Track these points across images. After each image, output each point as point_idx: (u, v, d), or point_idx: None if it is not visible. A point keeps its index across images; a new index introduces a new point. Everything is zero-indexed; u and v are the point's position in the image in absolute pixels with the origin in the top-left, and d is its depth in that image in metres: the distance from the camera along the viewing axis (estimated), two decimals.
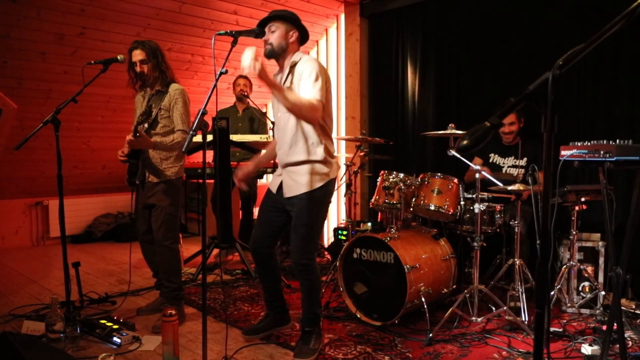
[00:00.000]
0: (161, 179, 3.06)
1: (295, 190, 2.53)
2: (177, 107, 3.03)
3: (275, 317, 2.84)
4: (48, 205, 5.59)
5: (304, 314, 2.65)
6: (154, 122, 3.04)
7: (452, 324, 2.94)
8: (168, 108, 3.03)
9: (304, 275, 2.58)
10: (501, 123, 1.11)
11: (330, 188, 2.60)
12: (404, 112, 4.95)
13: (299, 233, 2.54)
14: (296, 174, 2.54)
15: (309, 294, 2.62)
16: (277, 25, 2.51)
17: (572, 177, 3.68)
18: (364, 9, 5.20)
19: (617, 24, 1.02)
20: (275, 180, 2.68)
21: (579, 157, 2.18)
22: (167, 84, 3.07)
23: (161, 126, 3.04)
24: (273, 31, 2.51)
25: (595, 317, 3.09)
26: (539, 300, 1.13)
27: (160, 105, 3.03)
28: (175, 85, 3.08)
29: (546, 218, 1.05)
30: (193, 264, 4.45)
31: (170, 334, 2.54)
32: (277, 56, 2.55)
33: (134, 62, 3.04)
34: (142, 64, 3.03)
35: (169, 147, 3.01)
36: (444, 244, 3.35)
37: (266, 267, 2.74)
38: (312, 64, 2.44)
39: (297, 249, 2.56)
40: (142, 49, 3.02)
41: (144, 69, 3.03)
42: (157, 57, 3.04)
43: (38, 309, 3.24)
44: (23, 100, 4.47)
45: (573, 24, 3.74)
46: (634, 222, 2.12)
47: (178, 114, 3.03)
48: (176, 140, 3.00)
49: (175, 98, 3.03)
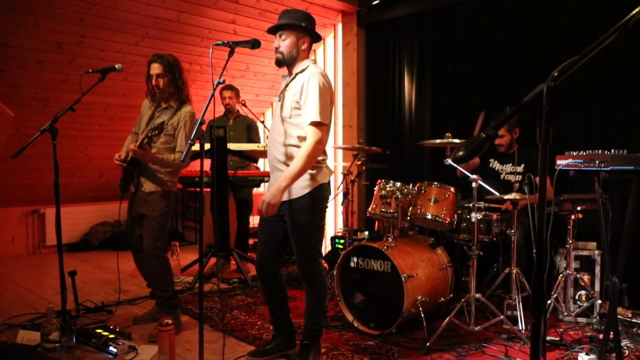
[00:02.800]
0: (154, 188, 3.06)
1: (285, 195, 2.45)
2: (185, 130, 3.04)
3: (283, 339, 2.71)
4: (45, 213, 5.57)
5: (305, 324, 2.61)
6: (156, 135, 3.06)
7: (449, 333, 2.94)
8: (175, 127, 3.05)
9: (312, 282, 2.55)
10: (496, 134, 1.12)
11: (323, 194, 2.50)
12: (401, 121, 4.97)
13: (297, 243, 2.51)
14: None
15: (313, 304, 2.58)
16: (288, 34, 2.47)
17: (568, 186, 3.69)
18: (361, 19, 5.24)
19: (611, 36, 1.04)
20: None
21: (574, 166, 2.19)
22: (181, 101, 3.08)
23: (162, 141, 3.04)
24: (284, 39, 2.46)
25: (592, 326, 3.09)
26: (536, 309, 1.14)
27: (168, 122, 3.04)
28: (188, 107, 3.09)
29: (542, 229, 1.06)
30: (190, 273, 4.44)
31: (166, 343, 2.53)
32: (288, 65, 2.52)
33: (151, 75, 3.06)
34: (158, 78, 3.04)
35: (167, 165, 3.04)
36: (440, 253, 3.35)
37: (272, 285, 2.65)
38: (316, 80, 2.36)
39: (298, 259, 2.54)
40: (160, 63, 3.03)
41: (160, 83, 3.04)
42: (174, 72, 3.05)
43: (33, 318, 3.22)
44: (20, 108, 4.47)
45: (569, 34, 3.78)
46: (630, 231, 2.13)
47: (183, 136, 3.05)
48: (175, 160, 3.03)
49: (185, 120, 3.04)
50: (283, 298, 2.69)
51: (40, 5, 3.82)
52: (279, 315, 2.70)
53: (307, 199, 2.45)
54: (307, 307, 2.61)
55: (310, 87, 2.36)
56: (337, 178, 5.57)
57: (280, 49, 2.47)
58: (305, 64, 2.49)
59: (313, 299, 2.58)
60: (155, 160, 2.99)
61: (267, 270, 2.63)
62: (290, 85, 2.49)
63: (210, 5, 4.51)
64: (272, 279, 2.63)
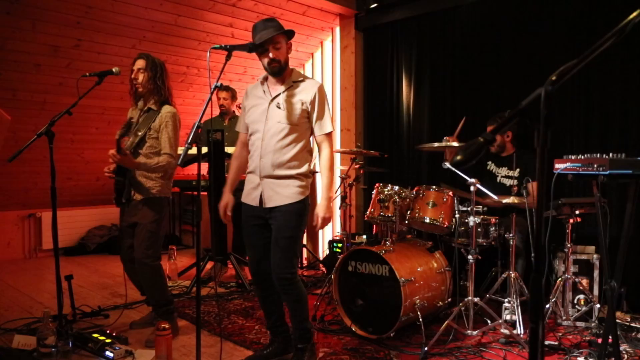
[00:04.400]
0: (145, 196, 3.01)
1: (277, 201, 2.48)
2: (167, 130, 2.99)
3: (281, 344, 2.71)
4: (41, 217, 5.55)
5: (294, 330, 2.60)
6: (141, 142, 3.00)
7: (447, 337, 2.93)
8: (157, 129, 3.00)
9: (289, 290, 2.52)
10: (494, 138, 1.12)
11: (309, 201, 2.60)
12: (399, 125, 4.97)
13: (281, 246, 2.48)
14: (279, 186, 2.49)
15: (296, 310, 2.57)
16: (281, 40, 2.49)
17: (566, 190, 3.69)
18: (359, 22, 5.24)
19: (608, 40, 1.03)
20: (254, 194, 2.56)
21: (572, 170, 2.19)
22: (161, 103, 3.04)
23: (148, 146, 3.00)
24: (279, 48, 2.48)
25: (590, 330, 3.09)
26: (534, 314, 1.13)
27: (150, 126, 2.99)
28: (169, 107, 3.03)
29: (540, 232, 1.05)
30: (187, 277, 4.42)
31: (163, 348, 2.52)
32: (284, 72, 2.55)
33: (133, 69, 3.03)
34: (138, 72, 3.01)
35: (152, 169, 2.96)
36: (439, 257, 3.34)
37: (267, 288, 2.64)
38: (324, 94, 2.58)
39: (279, 262, 2.49)
40: (145, 60, 3.01)
41: (139, 77, 3.01)
42: (155, 70, 3.01)
43: (29, 323, 3.21)
44: (17, 111, 4.46)
45: (567, 38, 3.79)
46: (628, 235, 2.13)
47: (166, 137, 2.99)
48: (161, 163, 2.95)
49: (166, 120, 2.99)
50: (279, 299, 2.68)
51: (37, 9, 3.82)
52: (275, 318, 2.70)
53: (300, 205, 2.51)
54: (290, 315, 2.60)
55: (322, 100, 2.56)
56: (335, 182, 5.57)
57: (278, 58, 2.49)
58: (301, 74, 2.60)
59: (294, 305, 2.56)
60: (139, 166, 2.92)
61: (261, 272, 2.62)
62: (291, 93, 2.53)
63: (207, 8, 4.51)
64: (268, 280, 2.62)
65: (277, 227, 2.49)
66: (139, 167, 2.94)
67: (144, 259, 3.00)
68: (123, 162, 2.86)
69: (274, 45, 2.47)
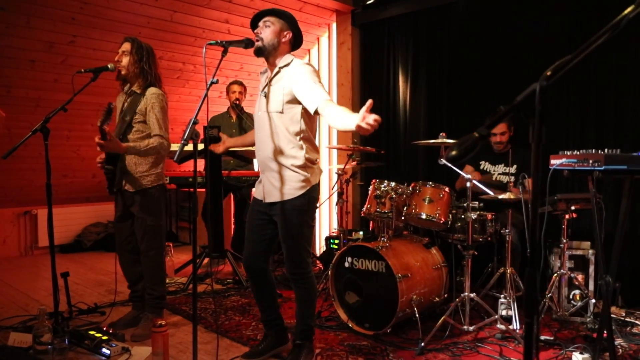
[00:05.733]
0: (137, 188, 2.95)
1: (274, 196, 2.45)
2: (154, 112, 2.92)
3: (274, 336, 2.70)
4: (37, 214, 5.53)
5: (297, 325, 2.60)
6: (128, 127, 2.95)
7: (443, 332, 2.94)
8: (144, 112, 2.92)
9: (299, 284, 2.53)
10: (490, 133, 1.12)
11: (314, 194, 2.50)
12: (396, 121, 4.97)
13: (287, 245, 2.47)
14: (275, 180, 2.45)
15: (303, 305, 2.57)
16: (272, 21, 2.44)
17: (562, 185, 3.70)
18: (356, 18, 5.23)
19: (602, 36, 1.03)
20: (259, 188, 2.57)
21: (568, 166, 2.20)
22: (146, 86, 2.96)
23: (135, 130, 2.94)
24: (267, 26, 2.43)
25: (586, 325, 3.10)
26: (528, 309, 1.13)
27: (136, 109, 2.93)
28: (153, 89, 2.96)
29: (535, 228, 1.06)
30: (184, 274, 4.42)
31: (160, 345, 2.52)
32: (267, 55, 2.46)
33: (118, 52, 2.99)
34: (122, 55, 2.96)
35: (143, 152, 2.88)
36: (435, 253, 3.35)
37: (261, 283, 2.64)
38: (307, 68, 2.39)
39: (288, 260, 2.51)
40: (130, 43, 2.96)
41: (122, 60, 2.95)
42: (141, 54, 2.95)
43: (25, 320, 3.19)
44: (12, 108, 4.44)
45: (564, 33, 3.80)
46: (623, 231, 2.14)
47: (154, 119, 2.92)
48: (151, 145, 2.87)
49: (151, 102, 2.92)
50: (273, 293, 2.69)
51: (32, 5, 3.79)
52: (269, 312, 2.69)
53: (301, 200, 2.44)
54: (297, 308, 2.59)
55: (306, 75, 2.36)
56: (331, 178, 5.57)
57: (261, 35, 2.43)
58: (289, 58, 2.48)
59: (303, 300, 2.56)
60: (128, 149, 2.84)
61: (255, 267, 2.61)
62: (275, 80, 2.46)
63: (203, 4, 4.49)
64: (261, 276, 2.62)
65: (280, 225, 2.47)
66: (127, 151, 2.85)
67: (149, 252, 2.99)
68: (110, 148, 2.79)
69: (264, 22, 2.45)
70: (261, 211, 2.55)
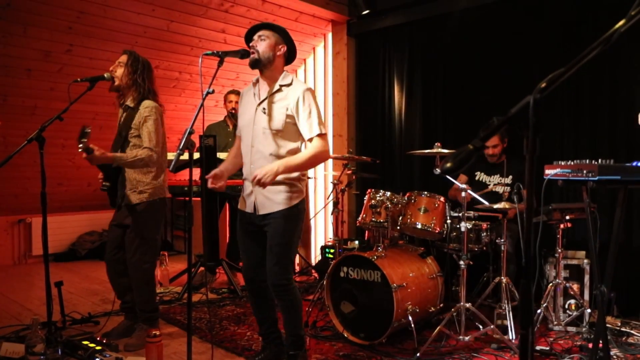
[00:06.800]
0: (137, 201, 2.96)
1: (270, 207, 2.46)
2: (147, 125, 2.91)
3: (273, 350, 2.68)
4: (31, 222, 5.50)
5: (287, 337, 2.59)
6: (125, 142, 2.96)
7: (439, 342, 2.93)
8: (138, 127, 2.93)
9: (284, 296, 2.50)
10: (484, 145, 1.13)
11: (304, 206, 2.57)
12: (391, 131, 4.99)
13: (275, 253, 2.46)
14: (271, 192, 2.45)
15: (290, 316, 2.55)
16: (268, 35, 2.47)
17: (557, 195, 3.72)
18: (351, 28, 5.26)
19: (595, 49, 1.05)
20: (248, 200, 2.55)
21: (562, 176, 2.21)
22: (140, 100, 2.97)
23: (132, 145, 2.95)
24: (263, 40, 2.46)
25: (581, 335, 3.10)
26: (524, 319, 1.14)
27: (131, 124, 2.94)
28: (147, 102, 2.96)
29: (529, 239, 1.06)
30: (178, 283, 4.40)
31: (154, 355, 2.50)
32: (262, 67, 2.49)
33: (115, 63, 3.00)
34: (117, 65, 2.97)
35: (130, 163, 2.86)
36: (431, 263, 3.35)
37: (261, 296, 2.63)
38: (309, 95, 2.47)
39: (274, 269, 2.47)
40: (127, 55, 2.98)
41: (116, 70, 2.96)
42: (136, 67, 2.96)
43: (18, 330, 3.16)
44: (8, 117, 4.43)
45: (558, 45, 3.83)
46: (617, 240, 2.15)
47: (146, 131, 2.91)
48: (139, 156, 2.84)
49: (144, 115, 2.92)
50: (272, 306, 2.67)
51: (29, 14, 3.80)
52: (268, 325, 2.68)
53: (293, 211, 2.48)
54: (285, 320, 2.57)
55: (308, 103, 2.46)
56: (327, 187, 5.57)
57: (257, 48, 2.46)
58: (289, 78, 2.53)
59: (288, 311, 2.55)
60: (114, 159, 2.82)
61: (256, 279, 2.60)
62: (276, 97, 2.50)
63: (200, 14, 4.51)
64: (262, 287, 2.60)
65: (271, 234, 2.48)
66: (114, 160, 2.84)
67: (139, 264, 2.97)
68: (97, 160, 2.78)
69: (260, 36, 2.47)
70: (252, 223, 2.56)
